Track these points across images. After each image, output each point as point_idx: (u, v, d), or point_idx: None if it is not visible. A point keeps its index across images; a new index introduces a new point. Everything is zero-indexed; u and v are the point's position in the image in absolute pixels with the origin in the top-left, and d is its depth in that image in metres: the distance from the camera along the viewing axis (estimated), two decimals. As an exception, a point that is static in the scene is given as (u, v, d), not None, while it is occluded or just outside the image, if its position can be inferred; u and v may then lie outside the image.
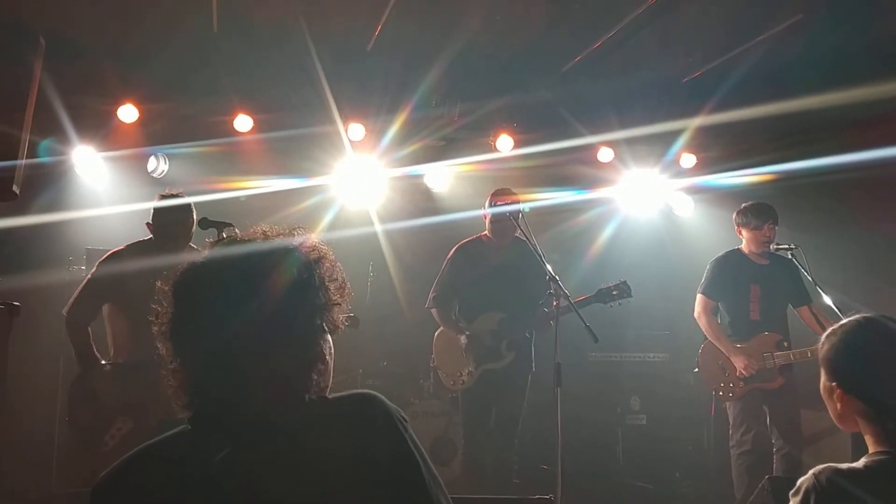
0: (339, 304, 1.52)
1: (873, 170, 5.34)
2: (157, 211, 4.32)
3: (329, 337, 1.52)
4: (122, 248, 4.35)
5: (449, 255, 5.34)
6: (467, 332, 5.09)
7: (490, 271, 5.16)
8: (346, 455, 1.39)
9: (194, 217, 4.32)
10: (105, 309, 4.25)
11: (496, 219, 5.11)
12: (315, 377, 1.47)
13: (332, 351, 1.54)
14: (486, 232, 5.28)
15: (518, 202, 5.03)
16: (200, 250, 1.52)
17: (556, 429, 4.08)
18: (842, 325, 1.97)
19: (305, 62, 5.66)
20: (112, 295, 4.20)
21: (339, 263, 1.56)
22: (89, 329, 4.22)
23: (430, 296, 5.31)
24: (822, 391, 2.01)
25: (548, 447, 5.29)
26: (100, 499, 1.40)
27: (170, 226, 4.26)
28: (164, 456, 1.42)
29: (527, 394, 5.13)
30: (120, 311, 4.20)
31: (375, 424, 1.45)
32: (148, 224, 4.34)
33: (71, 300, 4.25)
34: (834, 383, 1.93)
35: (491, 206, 5.16)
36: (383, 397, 1.50)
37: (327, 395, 1.50)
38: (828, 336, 1.99)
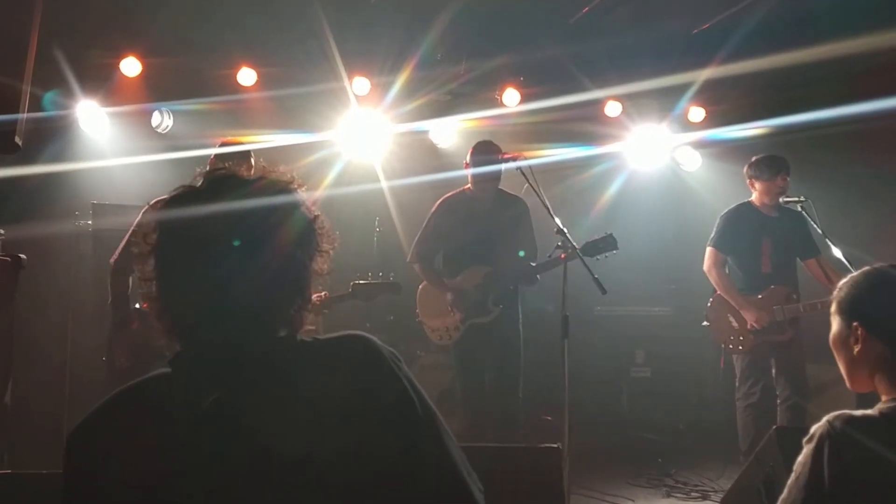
0: (329, 252, 1.50)
1: (886, 120, 5.26)
2: (216, 158, 4.25)
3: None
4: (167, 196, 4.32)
5: (432, 210, 5.26)
6: (452, 287, 5.06)
7: (474, 225, 5.09)
8: (340, 397, 1.35)
9: (251, 164, 4.27)
10: None
11: (478, 173, 5.02)
12: (303, 316, 1.45)
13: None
14: (469, 185, 5.19)
15: (502, 156, 4.89)
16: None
17: (562, 381, 4.10)
18: (864, 270, 1.97)
19: (309, 14, 5.58)
20: None
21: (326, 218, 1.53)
22: (130, 280, 4.21)
23: (414, 250, 5.23)
24: (833, 340, 1.99)
25: (552, 399, 5.33)
26: (77, 444, 1.33)
27: None
28: (144, 399, 1.36)
29: (521, 346, 5.09)
30: None
31: (369, 365, 1.41)
32: None
33: (118, 250, 4.24)
34: (856, 322, 1.91)
35: (473, 158, 5.06)
36: (374, 338, 1.46)
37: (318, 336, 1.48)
38: (848, 281, 1.98)
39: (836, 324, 1.99)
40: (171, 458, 1.27)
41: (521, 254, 5.06)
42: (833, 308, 2.00)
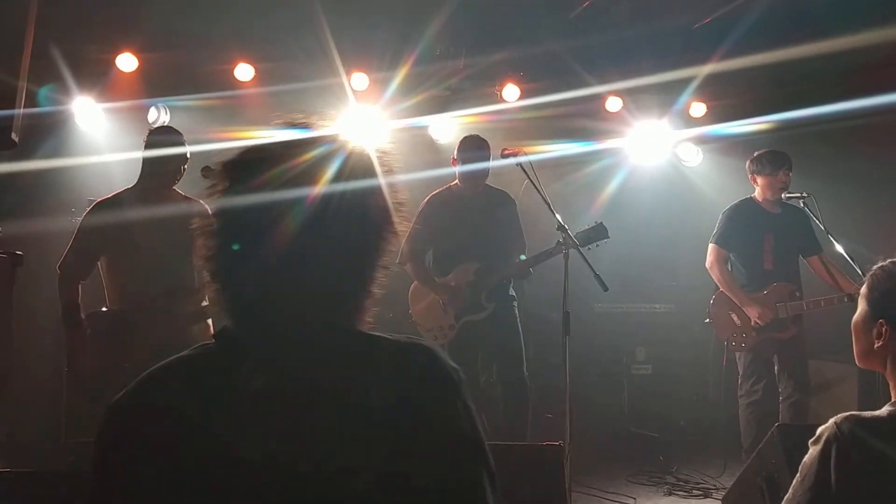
0: (399, 234, 1.42)
1: (888, 114, 5.23)
2: (148, 148, 4.18)
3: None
4: (108, 196, 4.21)
5: (420, 208, 5.15)
6: (444, 286, 5.01)
7: (464, 221, 5.03)
8: (392, 412, 1.23)
9: (187, 157, 4.22)
10: (101, 261, 4.13)
11: (465, 168, 4.98)
12: (366, 306, 1.37)
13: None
14: (457, 181, 5.13)
15: (503, 153, 4.73)
16: (190, 197, 1.40)
17: (563, 377, 4.07)
18: (894, 262, 1.93)
19: (307, 9, 5.55)
20: (104, 246, 4.07)
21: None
22: (80, 287, 4.08)
23: (403, 250, 5.05)
24: (856, 324, 1.97)
25: (553, 396, 5.30)
26: (116, 417, 1.27)
27: (160, 166, 4.13)
28: (188, 377, 1.29)
29: (521, 331, 5.03)
30: (114, 260, 4.09)
31: (431, 385, 1.29)
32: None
33: (63, 255, 4.11)
34: (881, 320, 1.89)
35: (460, 154, 5.01)
36: (441, 352, 1.33)
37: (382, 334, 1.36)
38: (878, 272, 1.94)
39: (861, 309, 1.96)
40: (202, 442, 1.21)
41: (523, 257, 5.01)
42: (863, 291, 1.97)
